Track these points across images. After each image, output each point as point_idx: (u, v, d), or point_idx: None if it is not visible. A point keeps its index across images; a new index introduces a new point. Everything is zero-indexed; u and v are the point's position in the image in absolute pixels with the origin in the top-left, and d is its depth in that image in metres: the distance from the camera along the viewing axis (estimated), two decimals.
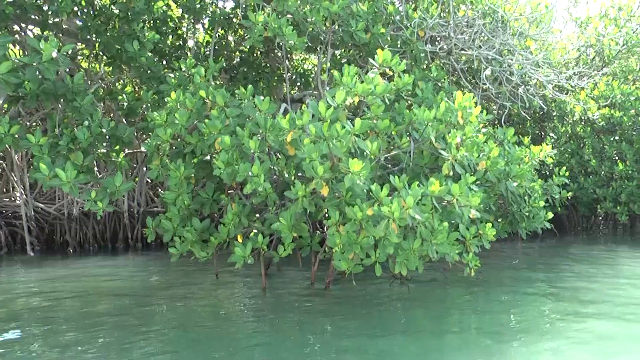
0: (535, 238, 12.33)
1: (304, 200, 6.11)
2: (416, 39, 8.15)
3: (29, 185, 11.17)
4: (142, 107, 8.27)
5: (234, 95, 7.24)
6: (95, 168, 10.79)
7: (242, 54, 10.43)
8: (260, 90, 10.15)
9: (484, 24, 8.80)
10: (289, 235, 6.34)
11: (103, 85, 8.91)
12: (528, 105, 10.49)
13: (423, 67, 8.80)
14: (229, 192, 7.40)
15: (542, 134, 13.78)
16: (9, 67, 6.11)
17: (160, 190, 12.25)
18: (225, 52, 10.25)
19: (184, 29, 9.87)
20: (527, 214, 8.73)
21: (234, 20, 9.66)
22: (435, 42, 9.04)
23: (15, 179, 11.00)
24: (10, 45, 6.65)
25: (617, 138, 12.27)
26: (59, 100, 7.25)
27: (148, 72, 7.95)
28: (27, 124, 8.58)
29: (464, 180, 6.28)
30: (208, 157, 7.20)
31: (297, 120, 5.74)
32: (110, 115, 9.47)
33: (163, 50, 9.30)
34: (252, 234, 6.99)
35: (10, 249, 11.25)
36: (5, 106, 7.43)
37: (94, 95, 8.24)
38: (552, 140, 12.91)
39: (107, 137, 7.42)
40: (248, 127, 6.43)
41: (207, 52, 9.31)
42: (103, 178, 8.98)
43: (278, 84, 10.58)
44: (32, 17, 7.99)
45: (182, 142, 7.02)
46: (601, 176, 12.23)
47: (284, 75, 8.64)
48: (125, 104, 8.36)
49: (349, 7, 7.75)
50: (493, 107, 12.57)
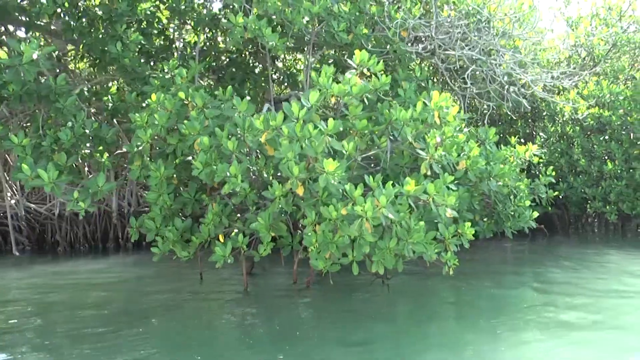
0: (525, 237, 12.35)
1: (281, 200, 6.16)
2: (399, 39, 8.17)
3: (21, 186, 11.23)
4: (127, 108, 8.32)
5: (214, 97, 7.28)
6: (86, 169, 10.86)
7: (231, 55, 10.47)
8: (247, 90, 10.21)
9: (467, 24, 8.83)
10: (267, 234, 6.39)
11: (89, 86, 8.96)
12: (515, 105, 10.51)
13: (408, 67, 8.83)
14: (212, 192, 7.45)
15: (534, 133, 13.80)
16: None
17: None
18: (213, 53, 10.29)
19: (172, 30, 9.92)
20: (513, 213, 8.77)
21: (223, 20, 9.70)
22: (421, 43, 9.07)
23: (8, 179, 11.06)
24: None
25: (606, 138, 12.28)
26: (42, 101, 7.32)
27: (132, 73, 8.00)
28: (12, 124, 8.61)
29: (441, 180, 6.32)
30: (190, 158, 7.25)
31: (271, 121, 5.78)
32: (99, 116, 9.52)
33: (150, 51, 9.36)
34: (233, 234, 7.04)
35: (1, 249, 11.33)
36: None
37: (79, 96, 8.32)
38: (542, 139, 12.93)
39: (91, 137, 7.49)
40: (227, 128, 6.48)
41: (194, 53, 9.36)
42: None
43: (266, 85, 10.63)
44: (18, 18, 8.07)
45: (163, 142, 7.08)
46: (591, 176, 12.24)
47: (269, 76, 8.66)
48: (110, 104, 8.42)
49: (331, 7, 7.78)
50: (484, 107, 12.61)
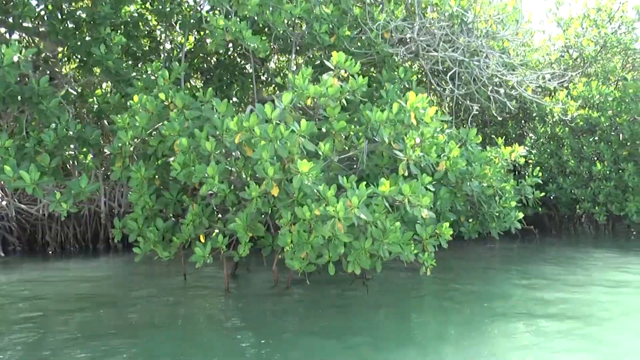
0: (514, 238, 12.37)
1: (258, 200, 6.21)
2: (381, 40, 8.22)
3: None
4: (111, 109, 8.40)
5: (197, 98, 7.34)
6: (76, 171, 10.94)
7: (219, 56, 10.54)
8: (234, 92, 10.28)
9: (452, 25, 8.88)
10: (245, 235, 6.44)
11: (75, 87, 9.03)
12: (502, 107, 10.54)
13: (393, 69, 8.87)
14: (193, 193, 7.51)
15: (525, 134, 13.83)
16: None
17: None
18: (201, 55, 10.37)
19: (159, 32, 10.00)
20: (498, 214, 8.80)
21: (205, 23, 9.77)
22: (406, 45, 9.12)
23: None
24: None
25: (596, 139, 12.30)
26: (25, 103, 7.39)
27: (116, 75, 8.07)
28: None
29: (418, 181, 6.37)
30: (171, 159, 7.31)
31: (244, 122, 5.84)
32: (86, 118, 9.61)
33: (137, 53, 9.44)
34: (214, 235, 7.10)
35: None
36: None
37: (65, 97, 8.40)
38: (532, 140, 12.96)
39: (75, 139, 7.56)
40: (206, 129, 6.54)
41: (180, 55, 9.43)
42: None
43: (254, 86, 10.69)
44: (3, 20, 8.15)
45: (144, 144, 7.14)
46: (580, 176, 12.26)
47: (253, 77, 8.73)
48: (96, 106, 8.50)
49: (313, 10, 7.84)
50: (475, 108, 12.65)
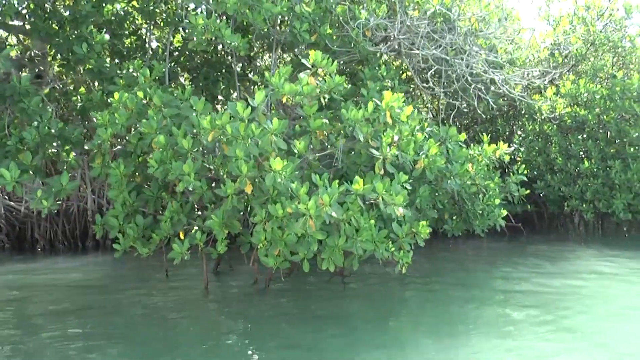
0: (502, 236, 12.40)
1: (233, 198, 6.26)
2: (362, 39, 8.25)
3: None
4: (94, 107, 8.45)
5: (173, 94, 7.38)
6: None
7: (206, 54, 10.58)
8: (220, 90, 10.32)
9: (435, 23, 8.91)
10: (221, 232, 6.49)
11: (60, 85, 9.09)
12: (488, 105, 10.57)
13: (376, 67, 8.90)
14: (173, 190, 7.56)
15: (514, 131, 13.85)
16: None
17: None
18: (187, 53, 10.40)
19: (144, 30, 10.04)
20: (481, 211, 8.84)
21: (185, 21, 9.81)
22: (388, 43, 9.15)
23: None
24: None
25: (584, 136, 12.31)
26: (7, 101, 7.45)
27: (98, 74, 8.12)
28: None
29: (395, 179, 6.42)
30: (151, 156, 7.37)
31: (217, 120, 5.89)
32: (71, 116, 9.66)
33: (122, 51, 9.49)
34: (193, 231, 7.15)
35: None
36: None
37: (48, 95, 8.45)
38: (520, 138, 12.98)
39: (56, 137, 7.62)
40: (183, 127, 6.59)
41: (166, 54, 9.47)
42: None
43: (241, 84, 10.73)
44: None
45: (122, 141, 7.20)
46: (568, 174, 12.28)
47: (235, 75, 8.78)
48: (79, 104, 8.55)
49: (293, 8, 7.86)
50: (463, 106, 12.69)
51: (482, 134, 13.21)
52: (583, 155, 12.28)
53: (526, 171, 9.79)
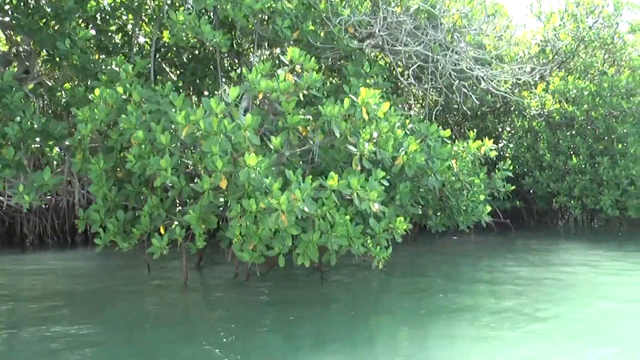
0: (490, 232, 12.45)
1: (210, 193, 6.31)
2: (344, 35, 8.28)
3: None
4: (77, 102, 8.49)
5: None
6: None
7: (193, 50, 10.60)
8: (207, 86, 10.34)
9: (420, 19, 8.92)
10: (198, 227, 6.54)
11: (45, 80, 9.13)
12: (479, 100, 10.60)
13: (360, 64, 8.92)
14: (153, 185, 7.61)
15: (504, 128, 13.88)
16: None
17: None
18: (175, 49, 10.43)
19: (130, 26, 10.06)
20: (465, 207, 8.86)
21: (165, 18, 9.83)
22: (373, 39, 9.17)
23: None
24: None
25: (573, 132, 12.33)
26: None
27: (82, 69, 8.15)
28: None
29: (372, 175, 6.45)
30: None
31: (191, 116, 5.93)
32: (56, 112, 9.71)
33: (108, 47, 9.51)
34: (173, 226, 7.20)
35: None
36: None
37: (33, 91, 8.49)
38: (509, 134, 13.01)
39: (39, 133, 7.66)
40: (162, 123, 6.64)
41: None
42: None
43: (228, 80, 10.77)
44: None
45: (102, 137, 7.25)
46: (556, 170, 12.30)
47: (218, 71, 8.81)
48: (64, 99, 8.60)
49: (274, 4, 7.88)
50: (454, 102, 12.69)
51: (471, 130, 13.29)
52: (571, 152, 12.32)
53: (513, 167, 9.80)
